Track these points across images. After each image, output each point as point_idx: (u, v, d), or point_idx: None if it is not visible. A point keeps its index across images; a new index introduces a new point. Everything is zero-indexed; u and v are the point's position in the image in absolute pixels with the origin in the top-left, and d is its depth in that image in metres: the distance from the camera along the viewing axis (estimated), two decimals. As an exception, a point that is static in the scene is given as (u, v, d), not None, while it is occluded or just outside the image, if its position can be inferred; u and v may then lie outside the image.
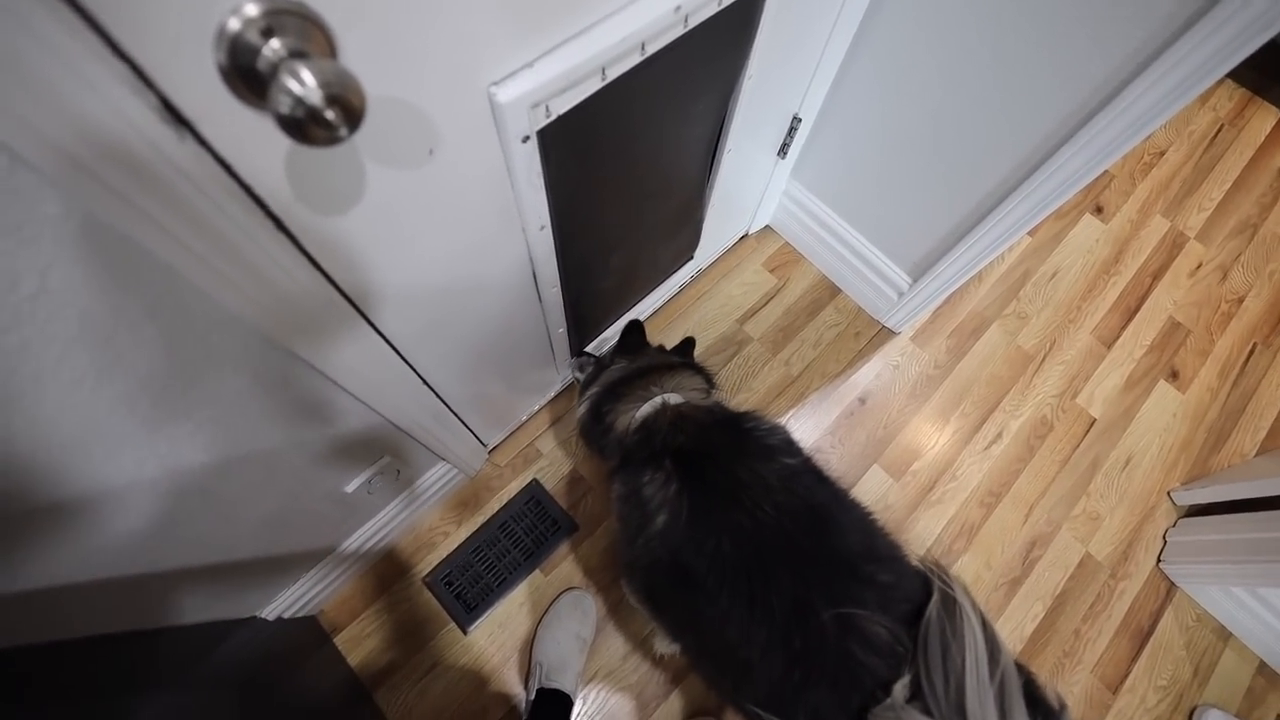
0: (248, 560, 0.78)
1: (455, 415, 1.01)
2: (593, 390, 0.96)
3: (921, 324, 1.54)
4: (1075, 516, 1.36)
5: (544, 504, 1.27)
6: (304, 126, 0.33)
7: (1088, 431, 1.44)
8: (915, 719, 0.57)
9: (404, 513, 1.14)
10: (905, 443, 1.41)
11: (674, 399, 0.88)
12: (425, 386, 0.83)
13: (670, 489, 0.76)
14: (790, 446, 0.81)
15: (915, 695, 0.59)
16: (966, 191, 1.11)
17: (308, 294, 0.50)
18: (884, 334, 1.52)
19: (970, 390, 1.47)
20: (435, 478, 1.15)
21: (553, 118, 0.57)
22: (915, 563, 0.72)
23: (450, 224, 0.61)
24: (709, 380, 0.97)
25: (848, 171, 1.31)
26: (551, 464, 1.32)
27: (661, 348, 1.07)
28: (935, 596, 0.63)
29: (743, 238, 1.61)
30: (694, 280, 1.54)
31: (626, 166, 0.90)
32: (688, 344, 1.08)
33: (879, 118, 1.15)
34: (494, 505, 1.26)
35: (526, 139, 0.56)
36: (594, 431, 0.95)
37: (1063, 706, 0.61)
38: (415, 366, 0.78)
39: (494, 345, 0.93)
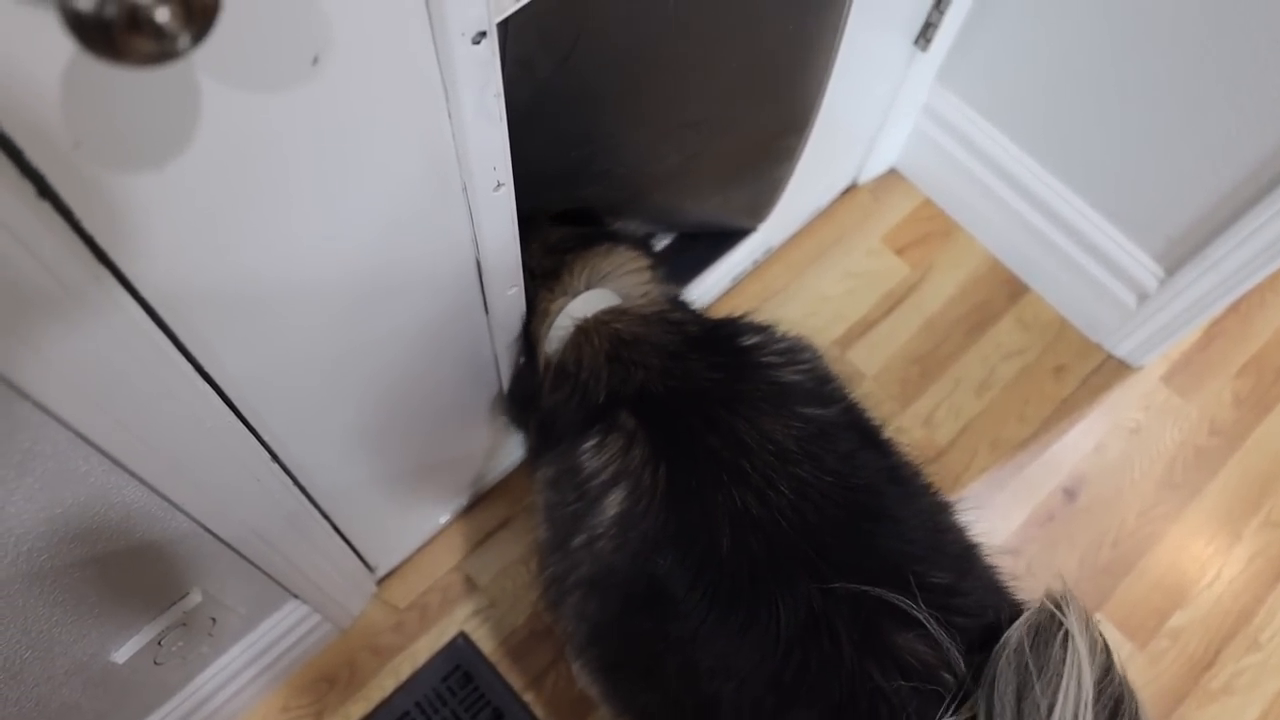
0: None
1: (324, 516, 1.02)
2: None
3: (1183, 353, 1.56)
4: None
5: (480, 681, 1.28)
6: (116, 34, 0.34)
7: None
8: None
9: (217, 698, 1.14)
10: (1155, 575, 1.41)
11: (594, 304, 0.94)
12: (275, 465, 0.85)
13: (633, 456, 0.84)
14: (822, 386, 0.90)
15: None
16: (1275, 102, 1.13)
17: (76, 297, 0.52)
18: (1111, 370, 1.54)
19: None
20: (280, 631, 1.15)
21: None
22: (1011, 585, 0.83)
23: (337, 185, 0.62)
24: (644, 246, 1.04)
25: (1038, 71, 1.34)
26: (495, 605, 1.33)
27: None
28: (1027, 616, 0.71)
29: (848, 190, 1.64)
30: (759, 268, 1.57)
31: (654, 77, 0.92)
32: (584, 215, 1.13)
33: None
34: (386, 682, 1.27)
35: (481, 36, 0.58)
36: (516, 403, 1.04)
37: None
38: (259, 430, 0.79)
39: (401, 392, 0.95)
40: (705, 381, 0.88)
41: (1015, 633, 0.70)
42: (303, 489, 0.93)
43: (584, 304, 0.95)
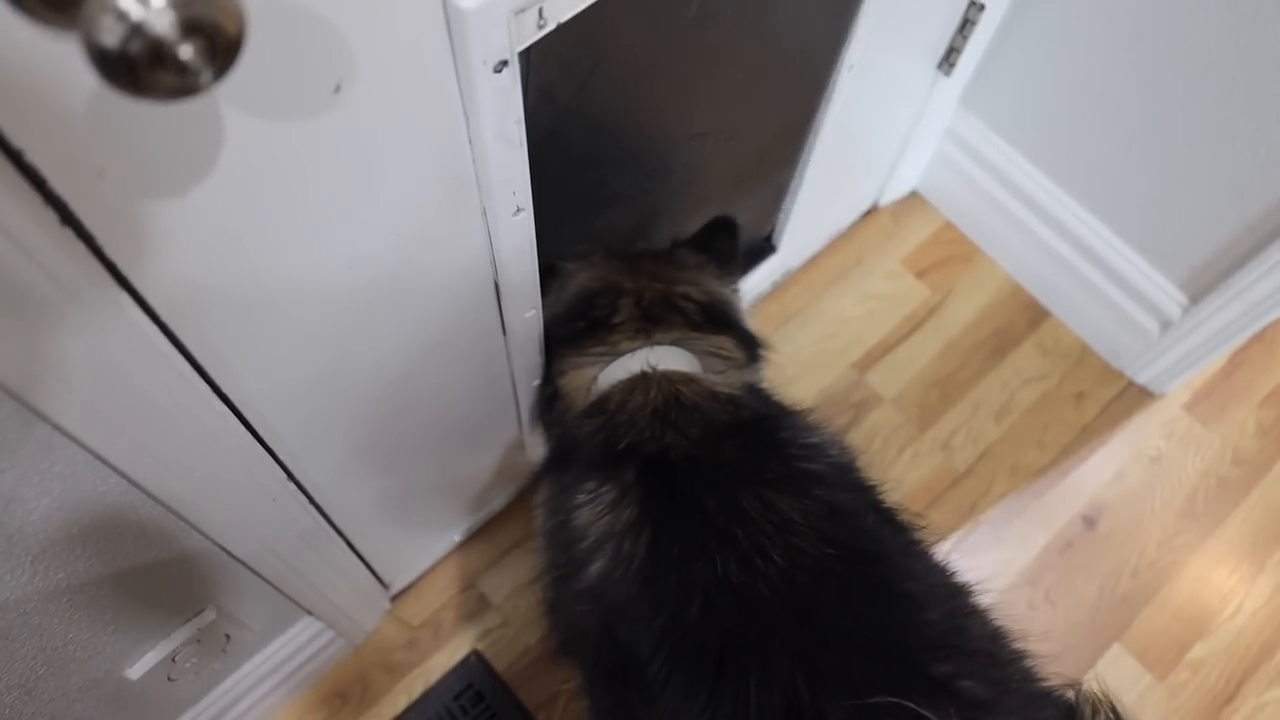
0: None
1: (339, 534, 1.02)
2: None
3: (1206, 381, 1.55)
4: None
5: (492, 700, 1.27)
6: (139, 70, 0.34)
7: None
8: None
9: (230, 714, 1.14)
10: (1176, 606, 1.39)
11: (671, 363, 0.90)
12: (291, 484, 0.85)
13: (623, 516, 0.81)
14: (842, 475, 0.85)
15: None
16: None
17: (94, 321, 0.52)
18: (1133, 397, 1.52)
19: (1301, 508, 1.47)
20: (293, 647, 1.15)
21: (549, 28, 0.59)
22: (1051, 683, 0.73)
23: (358, 210, 0.63)
24: (750, 346, 0.99)
25: (1062, 97, 1.34)
26: (508, 623, 1.32)
27: (689, 246, 1.07)
28: None
29: (869, 212, 1.63)
30: (778, 289, 1.57)
31: (665, 92, 0.93)
32: (721, 229, 1.07)
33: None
34: (398, 699, 1.27)
35: (503, 65, 0.58)
36: (545, 410, 0.99)
37: None
38: (275, 450, 0.79)
39: (419, 411, 0.95)
40: (725, 458, 0.84)
41: None
42: (318, 507, 0.93)
43: (664, 356, 0.91)
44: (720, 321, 0.98)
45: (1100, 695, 0.70)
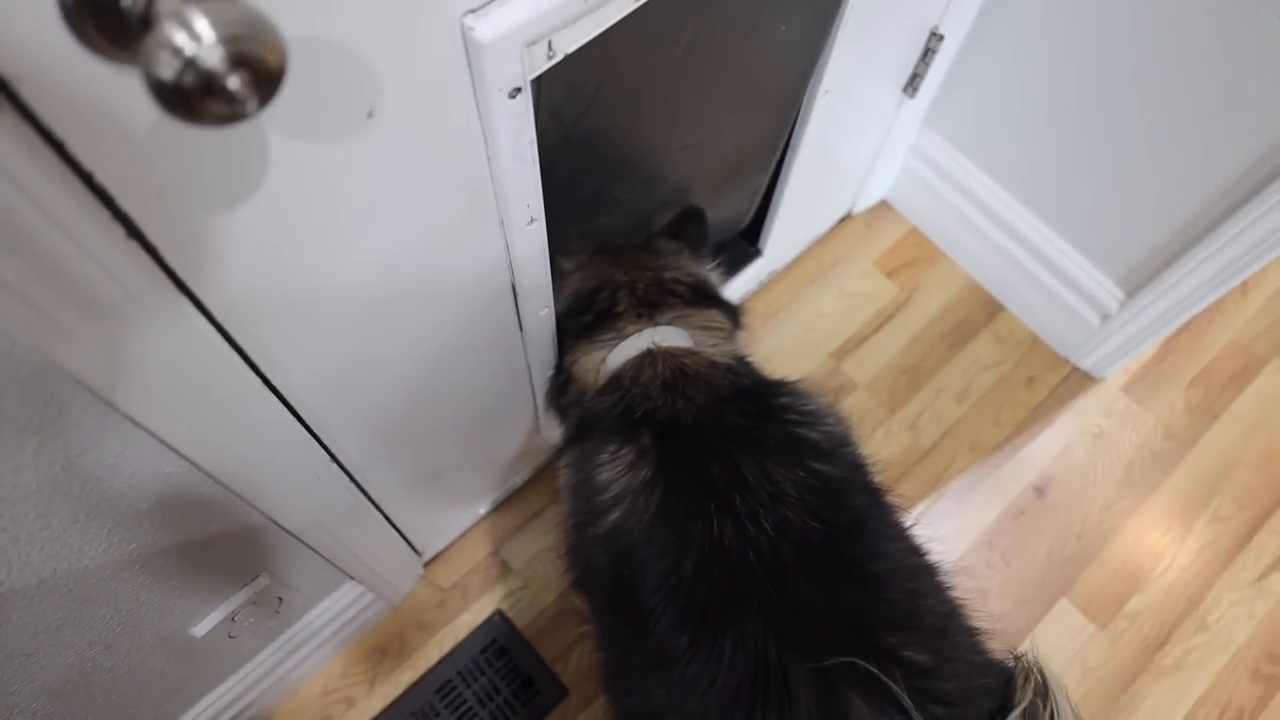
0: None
1: (377, 509, 1.02)
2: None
3: (1141, 366, 1.55)
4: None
5: (513, 653, 1.28)
6: (193, 99, 0.34)
7: None
8: None
9: (284, 666, 1.15)
10: (1115, 564, 1.39)
11: (671, 340, 0.92)
12: (334, 465, 0.85)
13: (640, 475, 0.82)
14: (837, 448, 0.85)
15: None
16: (1223, 147, 1.12)
17: (158, 323, 0.52)
18: (1077, 380, 1.52)
19: (1229, 478, 1.46)
20: (338, 608, 1.16)
21: (557, 58, 0.59)
22: (994, 655, 0.75)
23: (389, 220, 0.63)
24: (733, 316, 1.00)
25: (1014, 116, 1.34)
26: (527, 586, 1.33)
27: (664, 235, 1.08)
28: (1021, 708, 0.66)
29: (843, 219, 1.63)
30: (763, 288, 1.56)
31: (658, 111, 0.93)
32: (690, 217, 1.07)
33: (1068, 30, 1.17)
34: (431, 653, 1.28)
35: (517, 92, 0.58)
36: (557, 395, 1.00)
37: None
38: (319, 434, 0.79)
39: (447, 400, 0.96)
40: (730, 423, 0.85)
41: None
42: (359, 485, 0.93)
43: (665, 334, 0.93)
44: (707, 297, 0.99)
45: (1032, 663, 0.72)
